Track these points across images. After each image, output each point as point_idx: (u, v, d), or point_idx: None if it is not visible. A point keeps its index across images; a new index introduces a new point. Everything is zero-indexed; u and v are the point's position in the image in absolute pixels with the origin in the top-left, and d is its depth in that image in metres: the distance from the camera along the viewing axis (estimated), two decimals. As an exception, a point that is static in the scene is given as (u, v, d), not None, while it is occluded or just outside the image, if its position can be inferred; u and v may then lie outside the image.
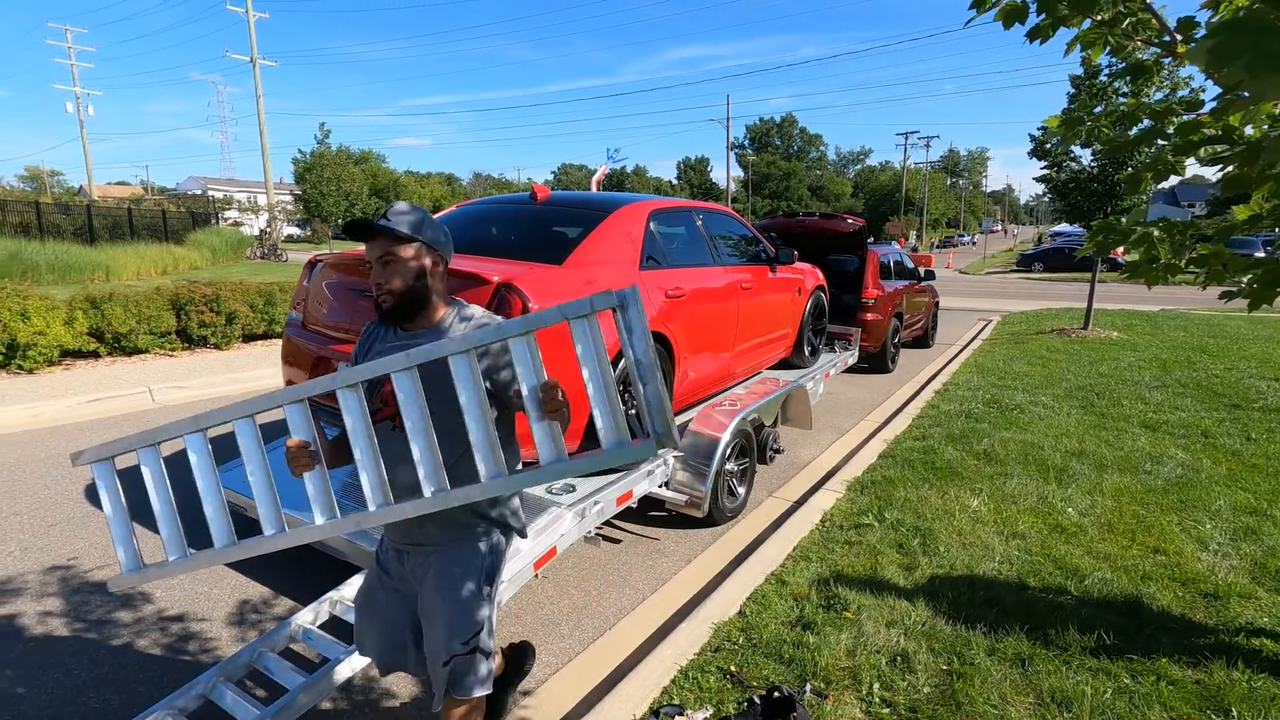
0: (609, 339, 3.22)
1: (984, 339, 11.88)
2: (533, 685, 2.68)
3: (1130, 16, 1.67)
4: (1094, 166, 11.26)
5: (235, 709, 2.23)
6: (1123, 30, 1.69)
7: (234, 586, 3.35)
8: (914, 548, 3.66)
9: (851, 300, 8.36)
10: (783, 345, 5.70)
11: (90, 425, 5.92)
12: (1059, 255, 32.15)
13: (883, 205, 68.30)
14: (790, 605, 3.11)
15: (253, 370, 7.82)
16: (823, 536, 3.88)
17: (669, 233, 4.25)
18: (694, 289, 4.09)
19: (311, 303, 3.67)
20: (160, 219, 26.98)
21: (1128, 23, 1.68)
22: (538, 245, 3.70)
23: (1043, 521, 4.01)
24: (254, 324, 9.27)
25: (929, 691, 2.50)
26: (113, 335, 7.98)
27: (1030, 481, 4.63)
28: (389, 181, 58.80)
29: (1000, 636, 2.82)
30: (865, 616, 2.96)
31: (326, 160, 43.77)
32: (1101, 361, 9.09)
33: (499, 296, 2.96)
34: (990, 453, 5.24)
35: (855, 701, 2.45)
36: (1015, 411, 6.48)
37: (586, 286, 3.30)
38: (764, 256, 5.28)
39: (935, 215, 72.91)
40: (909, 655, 2.69)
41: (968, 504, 4.25)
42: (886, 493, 4.47)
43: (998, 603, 3.10)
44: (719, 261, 4.58)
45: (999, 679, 2.55)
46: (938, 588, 3.25)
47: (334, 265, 3.61)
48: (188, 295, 8.76)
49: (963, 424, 6.08)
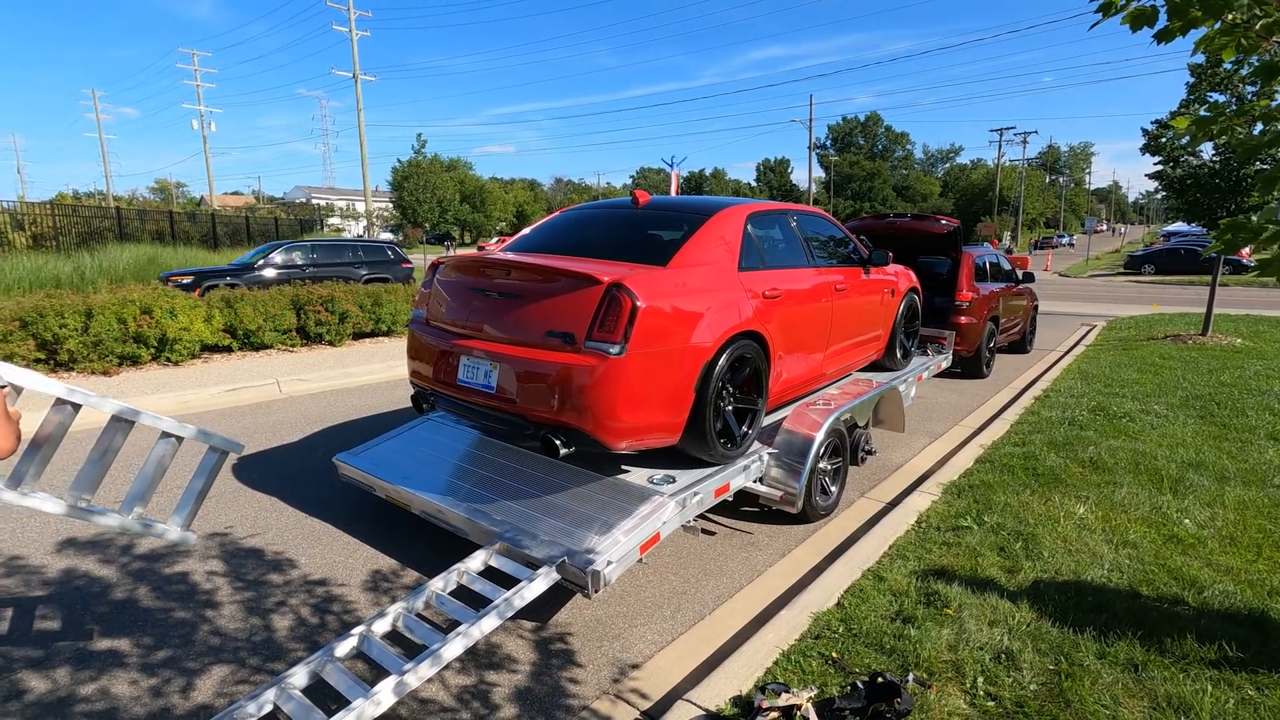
0: (709, 337, 3.38)
1: (1088, 344, 11.27)
2: (639, 660, 2.86)
3: (1265, 18, 1.66)
4: (1216, 161, 10.48)
5: (382, 659, 2.51)
6: (1256, 31, 1.68)
7: (366, 558, 3.70)
8: (1016, 551, 3.62)
9: (945, 303, 8.16)
10: (875, 347, 5.67)
11: (229, 412, 6.58)
12: (1172, 256, 29.91)
13: (974, 205, 65.26)
14: (889, 600, 3.15)
15: (364, 365, 8.43)
16: (919, 537, 3.88)
17: (765, 235, 4.35)
18: (789, 290, 4.18)
19: (434, 301, 3.99)
20: (273, 226, 29.17)
21: (1261, 24, 1.67)
22: (642, 248, 3.89)
23: (1156, 532, 3.86)
24: (363, 323, 9.96)
25: (1035, 689, 2.50)
26: (243, 332, 8.79)
27: (1142, 491, 4.45)
28: (476, 188, 61.13)
29: (1111, 641, 2.78)
30: (966, 614, 2.98)
31: (422, 169, 45.96)
32: (1223, 369, 8.48)
33: (610, 296, 3.15)
34: (1097, 461, 5.05)
35: (959, 693, 2.49)
36: (1124, 420, 6.18)
37: (688, 287, 3.46)
38: (857, 258, 5.29)
39: (1032, 215, 69.01)
40: (1013, 653, 2.70)
41: (1073, 511, 4.14)
42: (985, 497, 4.40)
43: (1107, 609, 3.04)
44: (813, 263, 4.65)
45: (1110, 681, 2.53)
46: (1042, 591, 3.21)
47: (455, 266, 3.92)
48: (306, 296, 9.52)
49: (1066, 431, 5.86)
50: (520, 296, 3.40)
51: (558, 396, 3.16)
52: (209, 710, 2.50)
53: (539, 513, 3.31)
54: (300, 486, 4.65)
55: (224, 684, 2.65)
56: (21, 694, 2.56)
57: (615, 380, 3.06)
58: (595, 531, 3.07)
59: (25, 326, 7.13)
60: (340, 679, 2.41)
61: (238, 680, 2.67)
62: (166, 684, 2.64)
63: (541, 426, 3.25)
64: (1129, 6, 1.80)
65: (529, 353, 3.27)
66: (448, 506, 3.44)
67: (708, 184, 79.13)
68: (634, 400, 3.14)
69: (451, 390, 3.64)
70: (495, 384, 3.37)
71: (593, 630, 3.08)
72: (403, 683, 2.33)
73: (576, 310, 3.19)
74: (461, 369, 3.56)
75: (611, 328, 3.09)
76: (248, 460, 5.17)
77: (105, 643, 2.89)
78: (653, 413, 3.25)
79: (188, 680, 2.67)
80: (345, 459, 4.08)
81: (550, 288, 3.32)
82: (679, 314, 3.32)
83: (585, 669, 2.80)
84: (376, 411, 6.62)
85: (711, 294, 3.53)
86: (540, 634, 3.05)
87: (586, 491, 3.45)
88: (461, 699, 2.61)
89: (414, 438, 4.34)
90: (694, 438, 3.49)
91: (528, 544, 3.07)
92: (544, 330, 3.26)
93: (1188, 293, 21.66)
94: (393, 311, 10.31)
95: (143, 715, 2.47)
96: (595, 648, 2.95)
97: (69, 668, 2.72)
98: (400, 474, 3.83)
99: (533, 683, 2.71)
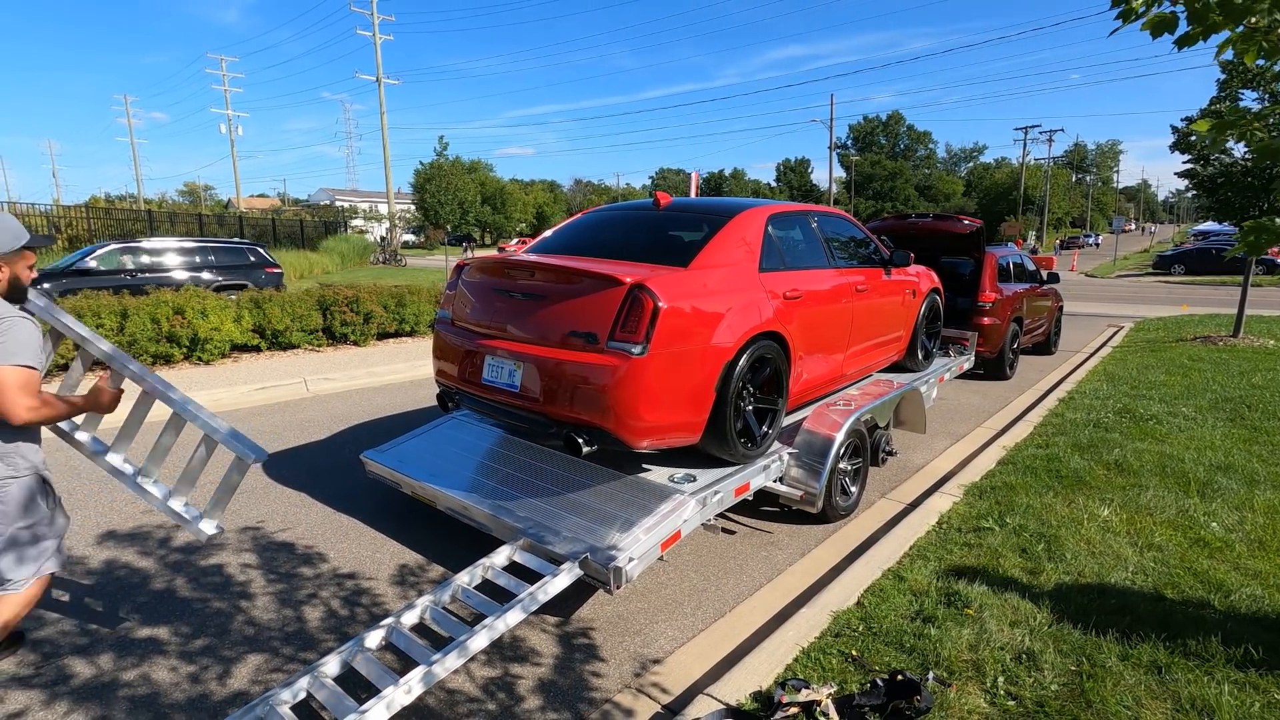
0: (730, 338, 3.42)
1: (1114, 346, 11.10)
2: (661, 655, 2.90)
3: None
4: (1248, 160, 10.27)
5: (410, 650, 2.59)
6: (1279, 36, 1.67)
7: (393, 552, 3.78)
8: (1038, 553, 3.60)
9: (968, 304, 8.10)
10: (895, 348, 5.66)
11: (259, 410, 6.74)
12: (1203, 256, 29.31)
13: (998, 205, 64.35)
14: (909, 600, 3.16)
15: (387, 365, 8.57)
16: (940, 538, 3.88)
17: (786, 236, 4.37)
18: (810, 291, 4.20)
19: (459, 302, 4.07)
20: (298, 228, 29.68)
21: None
22: (663, 249, 3.93)
23: (1182, 535, 3.82)
24: (387, 323, 10.12)
25: (1057, 689, 2.51)
26: (271, 332, 8.98)
27: (1168, 494, 4.40)
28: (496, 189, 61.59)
29: (1134, 643, 2.77)
30: (987, 615, 2.98)
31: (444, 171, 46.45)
32: (1254, 372, 8.31)
33: (632, 297, 3.20)
34: (1122, 463, 5.00)
35: (979, 692, 2.50)
36: (1151, 422, 6.09)
37: (709, 288, 3.50)
38: (877, 258, 5.29)
39: (1058, 214, 67.88)
40: (1035, 654, 2.70)
41: (1097, 513, 4.11)
42: (1007, 498, 4.38)
43: (1130, 611, 3.02)
44: (834, 264, 4.66)
45: (1133, 683, 2.52)
46: (1064, 593, 3.20)
47: (479, 267, 3.99)
48: (332, 297, 9.70)
49: (1091, 433, 5.80)
50: (543, 297, 3.46)
51: (580, 396, 3.22)
52: (245, 697, 2.59)
53: (562, 510, 3.37)
54: (329, 483, 4.76)
55: (259, 672, 2.74)
56: (68, 678, 2.67)
57: (637, 380, 3.11)
58: (617, 529, 3.12)
59: (64, 326, 7.36)
60: (370, 668, 2.49)
61: (272, 669, 2.76)
62: (204, 671, 2.74)
63: (564, 425, 3.31)
64: (1148, 13, 1.81)
65: (552, 353, 3.33)
66: (472, 503, 3.51)
67: (727, 185, 78.93)
68: (655, 400, 3.19)
69: (476, 389, 3.71)
70: (519, 383, 3.44)
71: (615, 625, 3.13)
72: (431, 673, 2.40)
73: (599, 311, 3.24)
74: (486, 368, 3.63)
75: (633, 328, 3.14)
76: (278, 457, 5.30)
77: (145, 631, 3.00)
78: (674, 412, 3.30)
79: (224, 668, 2.76)
80: (372, 456, 4.17)
81: (573, 289, 3.37)
82: (700, 315, 3.36)
83: (607, 663, 2.85)
84: (401, 410, 6.74)
85: (732, 295, 3.57)
86: (563, 628, 3.11)
87: (608, 489, 3.50)
88: (487, 690, 2.67)
89: (439, 436, 4.42)
90: (714, 437, 3.53)
91: (551, 540, 3.13)
92: (567, 331, 3.32)
93: (1219, 294, 21.20)
94: (416, 312, 10.46)
95: (182, 701, 2.57)
96: (617, 642, 3.00)
97: (112, 654, 2.83)
98: (426, 471, 3.91)
99: (556, 675, 2.77)
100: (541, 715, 2.53)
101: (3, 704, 2.52)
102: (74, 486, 4.59)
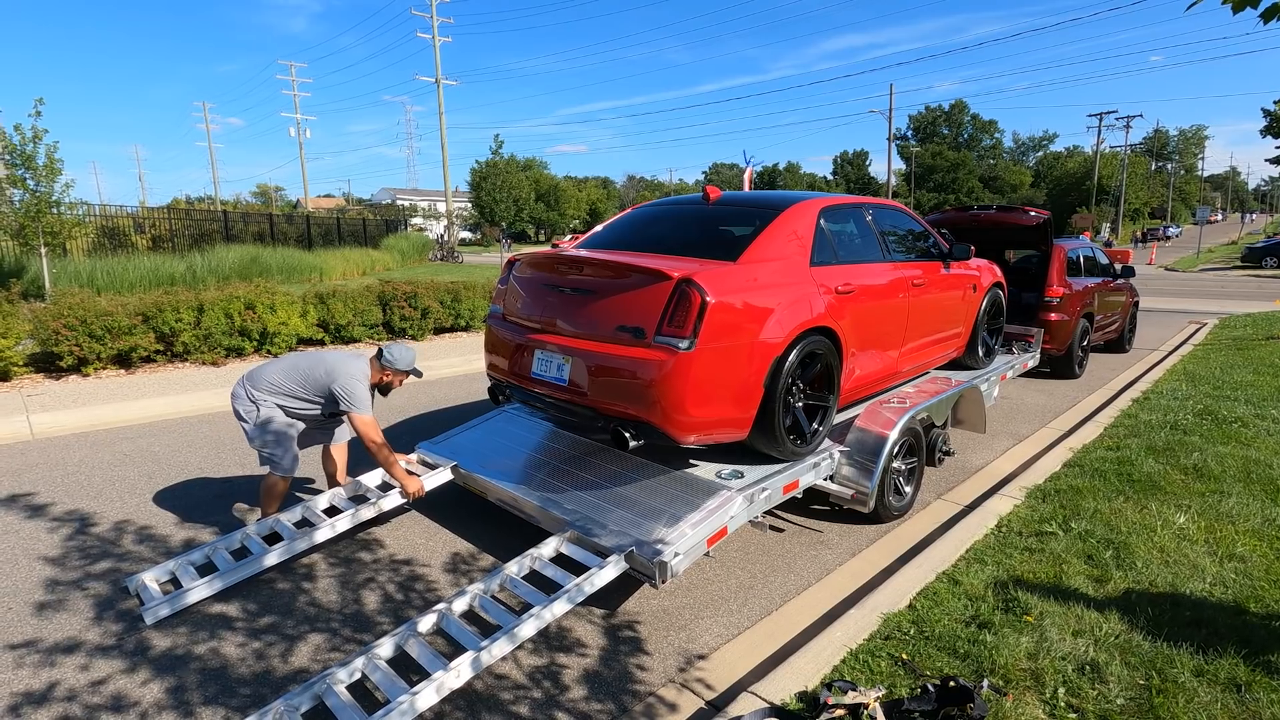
0: (779, 333, 3.37)
1: (1196, 344, 10.45)
2: (705, 651, 2.89)
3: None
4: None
5: (460, 635, 2.66)
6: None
7: (445, 541, 3.89)
8: (1105, 560, 3.43)
9: (1034, 299, 7.76)
10: (954, 344, 5.47)
11: (322, 401, 7.00)
12: (1300, 248, 27.23)
13: (1069, 195, 61.39)
14: (964, 604, 3.06)
15: (443, 359, 8.79)
16: (999, 541, 3.74)
17: (839, 229, 4.28)
18: (863, 285, 4.09)
19: (510, 297, 4.14)
20: (361, 227, 30.70)
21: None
22: (712, 243, 3.90)
23: (1268, 546, 3.58)
24: (443, 318, 10.38)
25: (1123, 703, 2.39)
26: (334, 326, 9.33)
27: (1253, 501, 4.12)
28: (550, 187, 62.34)
29: (1210, 658, 2.61)
30: (1048, 622, 2.86)
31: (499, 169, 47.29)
32: (1355, 372, 7.69)
33: (679, 291, 3.19)
34: (1201, 468, 4.70)
35: (1038, 703, 2.40)
36: (1235, 425, 5.72)
37: (759, 282, 3.45)
38: (936, 252, 5.12)
39: (1135, 205, 64.22)
40: (1099, 665, 2.57)
41: (1172, 520, 3.88)
42: (1073, 502, 4.19)
43: (1207, 624, 2.85)
44: (889, 257, 4.53)
45: (1208, 700, 2.38)
46: (1133, 602, 3.04)
47: (530, 263, 4.05)
48: (391, 293, 10.00)
49: (1167, 435, 5.48)
50: (592, 292, 3.48)
51: (627, 390, 3.23)
52: (305, 673, 2.70)
53: (608, 503, 3.40)
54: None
55: (318, 650, 2.86)
56: (146, 650, 2.85)
57: (684, 375, 3.10)
58: (663, 523, 3.13)
59: (147, 321, 7.82)
60: (421, 652, 2.57)
61: (331, 648, 2.88)
62: (269, 647, 2.88)
63: (611, 419, 3.33)
64: (1229, -12, 1.68)
65: (600, 347, 3.35)
66: (522, 495, 3.57)
67: (781, 179, 77.69)
68: (702, 395, 3.17)
69: (526, 383, 3.77)
70: (567, 377, 3.47)
71: (660, 620, 3.13)
72: (479, 659, 2.46)
73: (646, 305, 3.24)
74: (535, 362, 3.69)
75: (681, 323, 3.13)
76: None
77: (217, 607, 3.17)
78: (721, 408, 3.27)
79: (287, 645, 2.89)
80: (426, 448, 4.29)
81: (621, 283, 3.38)
82: (749, 309, 3.32)
83: (652, 656, 2.86)
84: (455, 403, 6.91)
85: (782, 289, 3.51)
86: (609, 621, 3.13)
87: (655, 484, 3.50)
88: (533, 678, 2.72)
89: (491, 429, 4.51)
90: (762, 433, 3.49)
91: (597, 533, 3.16)
92: (615, 325, 3.33)
93: (1317, 288, 19.70)
94: (471, 307, 10.68)
95: (248, 675, 2.70)
96: (662, 637, 3.00)
97: (187, 628, 3.00)
98: (478, 463, 4.00)
99: (601, 666, 2.79)
100: (586, 705, 2.56)
101: (88, 671, 2.71)
102: (153, 471, 4.88)
